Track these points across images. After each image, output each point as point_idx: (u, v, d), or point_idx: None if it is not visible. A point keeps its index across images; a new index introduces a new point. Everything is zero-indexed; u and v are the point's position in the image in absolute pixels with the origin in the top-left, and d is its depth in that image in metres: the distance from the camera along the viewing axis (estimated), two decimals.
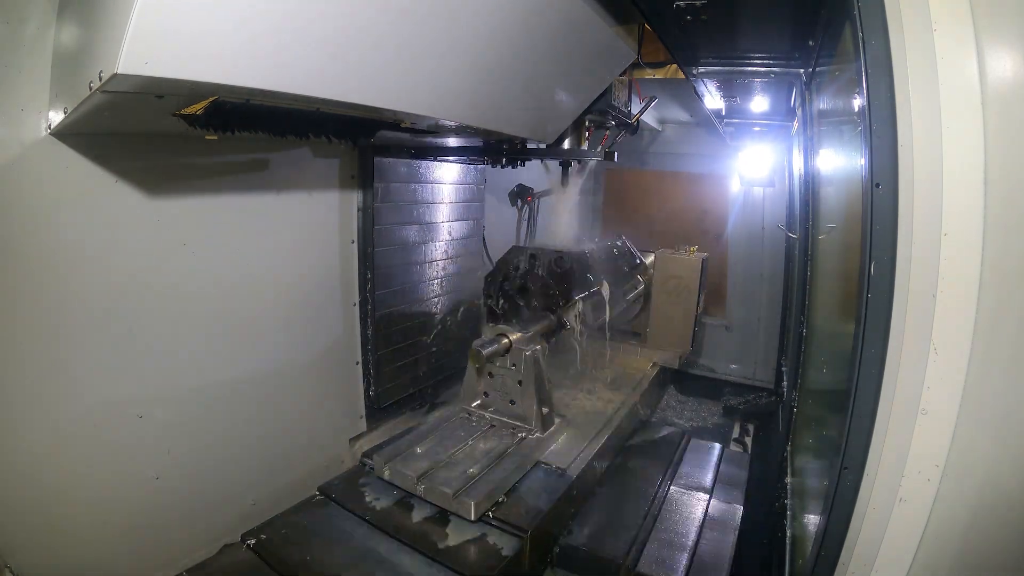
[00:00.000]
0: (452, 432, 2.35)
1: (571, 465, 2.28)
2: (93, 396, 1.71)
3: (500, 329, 2.37)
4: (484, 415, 2.48)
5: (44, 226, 1.56)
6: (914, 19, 0.96)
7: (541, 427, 2.36)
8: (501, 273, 2.80)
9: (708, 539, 2.27)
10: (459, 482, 1.98)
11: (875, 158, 1.04)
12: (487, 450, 2.22)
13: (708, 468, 2.84)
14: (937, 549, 1.01)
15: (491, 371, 2.48)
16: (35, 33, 1.44)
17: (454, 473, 2.05)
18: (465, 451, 2.22)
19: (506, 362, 2.39)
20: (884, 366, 1.04)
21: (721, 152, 4.45)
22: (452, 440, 2.29)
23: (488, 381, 2.51)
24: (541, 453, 2.31)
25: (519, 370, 2.37)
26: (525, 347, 2.34)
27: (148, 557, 1.89)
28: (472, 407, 2.52)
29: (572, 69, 2.09)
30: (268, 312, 2.25)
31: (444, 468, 2.08)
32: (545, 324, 2.58)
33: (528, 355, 2.33)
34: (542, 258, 2.70)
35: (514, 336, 2.35)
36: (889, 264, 1.02)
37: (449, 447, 2.22)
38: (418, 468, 2.05)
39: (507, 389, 2.45)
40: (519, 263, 2.76)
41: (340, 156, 2.51)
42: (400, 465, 2.08)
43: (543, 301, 2.69)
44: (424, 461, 2.10)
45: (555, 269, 2.67)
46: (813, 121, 2.41)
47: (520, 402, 2.40)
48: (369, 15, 1.25)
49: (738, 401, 4.03)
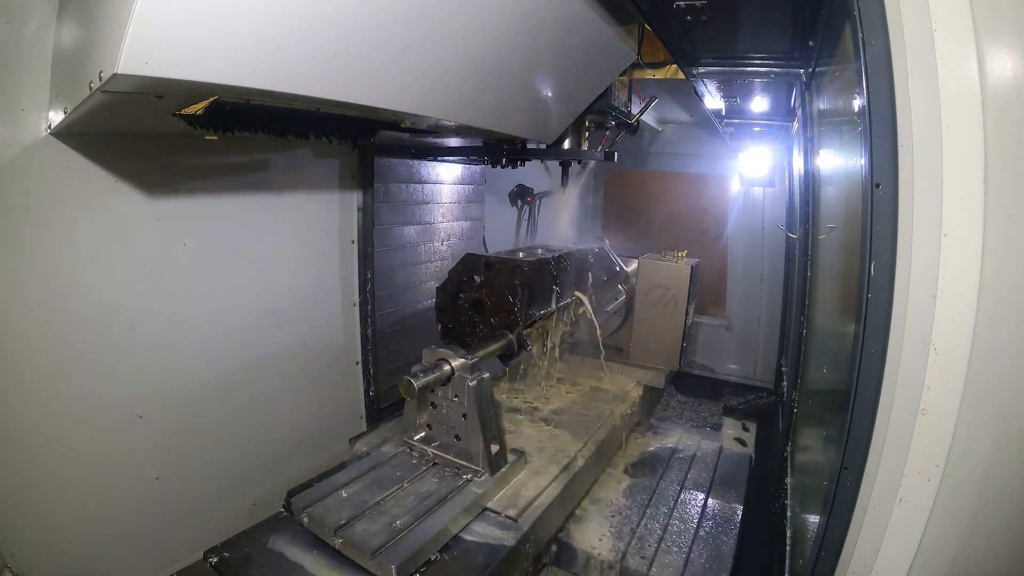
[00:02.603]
0: (388, 471, 2.01)
1: (524, 513, 1.92)
2: (93, 396, 1.71)
3: (440, 353, 2.01)
4: (427, 451, 2.11)
5: (44, 226, 1.56)
6: (914, 19, 0.96)
7: (489, 467, 2.00)
8: (454, 284, 2.43)
9: (708, 539, 2.27)
10: (382, 536, 1.66)
11: (875, 158, 1.04)
12: (424, 494, 1.88)
13: (708, 468, 2.84)
14: (937, 549, 1.01)
15: (433, 401, 2.12)
16: (35, 33, 1.44)
17: (379, 523, 1.72)
18: (398, 495, 1.88)
19: (448, 392, 2.04)
20: (884, 366, 1.04)
21: (721, 152, 4.45)
22: (386, 481, 1.95)
23: (431, 412, 2.14)
24: (489, 499, 1.97)
25: (462, 402, 2.00)
26: (468, 376, 1.96)
27: (148, 557, 1.90)
28: (415, 440, 2.16)
29: (572, 69, 2.09)
30: (268, 312, 2.25)
31: (368, 516, 1.76)
32: (499, 345, 2.22)
33: (472, 385, 1.95)
34: (499, 268, 2.32)
35: (456, 362, 1.98)
36: (889, 264, 1.02)
37: (380, 490, 1.89)
38: (338, 516, 1.74)
39: (451, 423, 2.07)
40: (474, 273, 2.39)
41: (340, 156, 2.51)
42: (320, 510, 1.77)
43: (500, 318, 2.31)
44: (347, 507, 1.79)
45: (512, 280, 2.29)
46: (813, 121, 2.41)
47: (465, 438, 2.04)
48: (369, 15, 1.25)
49: (738, 401, 4.03)
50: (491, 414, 2.04)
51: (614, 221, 5.21)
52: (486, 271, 2.35)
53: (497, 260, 2.33)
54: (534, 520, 1.91)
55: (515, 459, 2.14)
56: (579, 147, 2.77)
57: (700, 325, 4.69)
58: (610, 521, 2.34)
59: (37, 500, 1.62)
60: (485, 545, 1.78)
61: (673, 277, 3.35)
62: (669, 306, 3.36)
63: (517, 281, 2.27)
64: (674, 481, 2.67)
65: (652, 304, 3.40)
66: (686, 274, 3.33)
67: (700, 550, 2.20)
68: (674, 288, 3.35)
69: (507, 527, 1.86)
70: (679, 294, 3.35)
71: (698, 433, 3.28)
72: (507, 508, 1.93)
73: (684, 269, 3.35)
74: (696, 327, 4.66)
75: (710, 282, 4.59)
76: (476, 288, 2.35)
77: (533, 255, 2.48)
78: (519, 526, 1.86)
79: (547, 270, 2.45)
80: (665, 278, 3.37)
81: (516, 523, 1.88)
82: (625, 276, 3.35)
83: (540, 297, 2.40)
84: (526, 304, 2.27)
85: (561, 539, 2.23)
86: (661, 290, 3.38)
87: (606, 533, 2.26)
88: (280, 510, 1.94)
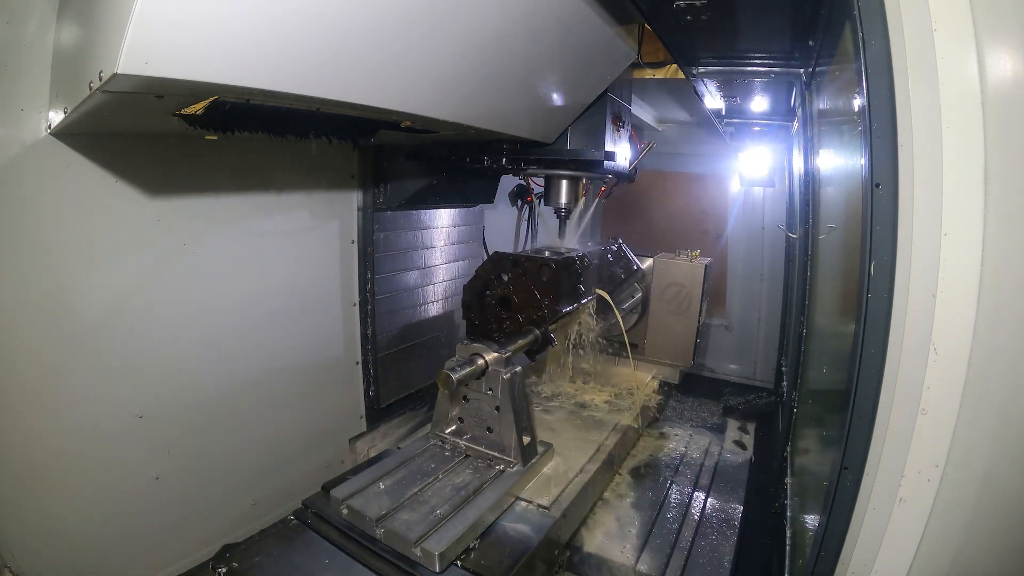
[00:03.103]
0: (422, 464, 2.09)
1: (556, 501, 2.02)
2: (93, 396, 1.71)
3: (474, 348, 2.09)
4: (459, 443, 2.20)
5: (44, 226, 1.56)
6: (914, 19, 0.96)
7: (521, 458, 2.09)
8: (481, 282, 2.52)
9: (708, 539, 2.27)
10: (423, 525, 1.73)
11: (875, 158, 1.04)
12: (460, 485, 1.96)
13: (708, 468, 2.84)
14: (937, 549, 1.01)
15: (465, 395, 2.20)
16: (35, 33, 1.44)
17: (418, 513, 1.79)
18: (434, 486, 1.95)
19: (481, 386, 2.11)
20: (884, 366, 1.04)
21: (721, 152, 4.45)
22: (421, 473, 2.02)
23: (463, 406, 2.22)
24: (521, 488, 2.06)
25: (496, 395, 2.08)
26: (502, 369, 2.05)
27: (148, 557, 1.90)
28: (446, 434, 2.24)
29: (572, 69, 2.08)
30: (268, 312, 2.25)
31: (408, 507, 1.82)
32: (528, 340, 2.30)
33: (506, 378, 2.04)
34: (527, 266, 2.41)
35: (490, 356, 2.06)
36: (889, 264, 1.02)
37: (417, 481, 1.96)
38: (378, 507, 1.80)
39: (483, 415, 2.17)
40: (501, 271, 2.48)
41: (340, 156, 2.51)
42: (359, 502, 1.83)
43: (527, 314, 2.41)
44: (386, 498, 1.86)
45: (540, 278, 2.39)
46: (813, 121, 2.41)
47: (498, 430, 2.12)
48: (369, 15, 1.25)
49: (738, 401, 4.02)
50: (523, 406, 2.14)
51: (614, 221, 5.21)
52: (513, 269, 2.45)
53: (525, 258, 2.44)
54: (565, 508, 2.00)
55: (544, 450, 2.24)
56: (576, 202, 2.78)
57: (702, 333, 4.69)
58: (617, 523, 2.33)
59: (37, 500, 1.62)
60: (520, 532, 1.87)
61: (688, 275, 3.45)
62: (684, 304, 3.46)
63: (545, 278, 2.38)
64: (675, 481, 2.67)
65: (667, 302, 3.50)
66: (700, 273, 3.42)
67: (700, 550, 2.20)
68: (689, 286, 3.44)
69: (540, 515, 1.96)
70: (693, 292, 3.43)
71: (698, 434, 3.27)
72: (539, 497, 2.04)
73: (698, 268, 3.44)
74: None
75: (710, 281, 4.58)
76: (503, 285, 2.45)
77: (557, 254, 2.57)
78: (551, 514, 1.96)
79: (572, 268, 2.54)
80: (680, 276, 3.46)
81: (548, 511, 1.97)
82: (642, 274, 3.43)
83: (566, 294, 2.48)
84: (553, 301, 2.37)
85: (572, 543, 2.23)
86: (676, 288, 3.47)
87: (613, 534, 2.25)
88: (290, 517, 1.91)
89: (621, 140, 2.67)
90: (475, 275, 2.55)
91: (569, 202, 2.73)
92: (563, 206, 2.72)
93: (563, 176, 2.66)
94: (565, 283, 2.44)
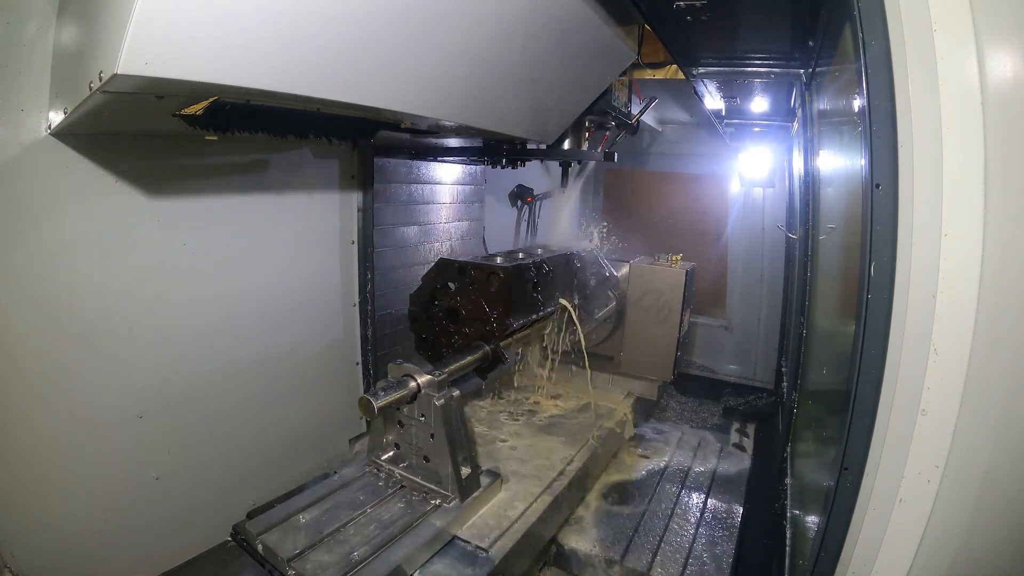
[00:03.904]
0: (352, 494, 1.89)
1: (496, 543, 1.80)
2: (93, 396, 1.71)
3: (406, 368, 1.87)
4: (395, 472, 1.97)
5: (44, 226, 1.56)
6: (914, 19, 0.96)
7: (459, 492, 1.86)
8: (428, 291, 2.26)
9: (708, 539, 2.27)
10: (336, 570, 1.55)
11: (875, 158, 1.04)
12: (388, 521, 1.76)
13: (708, 468, 2.84)
14: (937, 549, 1.01)
15: (400, 419, 1.97)
16: (35, 33, 1.44)
17: (335, 555, 1.61)
18: (359, 521, 1.76)
19: (414, 411, 1.90)
20: (884, 366, 1.04)
21: (721, 153, 4.45)
22: (348, 505, 1.82)
23: (398, 431, 1.99)
24: (459, 526, 1.84)
25: (428, 422, 1.87)
26: (435, 393, 1.83)
27: (148, 557, 1.89)
28: (382, 460, 2.02)
29: (572, 69, 2.09)
30: (268, 312, 2.25)
31: (325, 546, 1.65)
32: (475, 357, 2.06)
33: (439, 404, 1.81)
34: (475, 274, 2.15)
35: (422, 379, 1.84)
36: (889, 264, 1.02)
37: (342, 515, 1.77)
38: (293, 544, 1.63)
39: (419, 443, 1.93)
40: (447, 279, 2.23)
41: (340, 156, 2.51)
42: (275, 537, 1.67)
43: (476, 328, 2.14)
44: (304, 534, 1.69)
45: (488, 288, 2.12)
46: (813, 121, 2.41)
47: (434, 460, 1.90)
48: (369, 15, 1.25)
49: (738, 402, 4.02)
50: (461, 435, 1.91)
51: (614, 221, 5.20)
52: (460, 277, 2.18)
53: (472, 265, 2.18)
54: (507, 551, 1.79)
55: (489, 482, 2.01)
56: (579, 148, 2.76)
57: (700, 325, 4.69)
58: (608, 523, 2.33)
59: (37, 500, 1.62)
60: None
61: (667, 282, 3.17)
62: (662, 313, 3.18)
63: (493, 288, 2.11)
64: (674, 483, 2.67)
65: (644, 311, 3.21)
66: (680, 279, 3.15)
67: (700, 550, 2.20)
68: (668, 294, 3.17)
69: (476, 560, 1.74)
70: (673, 300, 3.16)
71: (697, 435, 3.27)
72: (478, 538, 1.82)
73: (678, 274, 3.17)
74: (696, 327, 4.66)
75: (710, 282, 4.58)
76: (451, 296, 2.20)
77: (512, 259, 2.36)
78: (490, 558, 1.75)
79: (526, 276, 2.27)
80: (658, 283, 3.20)
81: (487, 554, 1.76)
82: (616, 282, 3.20)
83: (520, 305, 2.22)
84: (504, 313, 2.11)
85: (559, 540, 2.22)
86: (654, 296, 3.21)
87: (606, 535, 2.25)
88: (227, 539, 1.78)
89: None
90: (421, 283, 2.30)
91: (573, 147, 2.69)
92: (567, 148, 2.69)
93: None
94: (518, 293, 2.19)
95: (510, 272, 2.13)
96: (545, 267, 2.41)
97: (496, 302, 2.12)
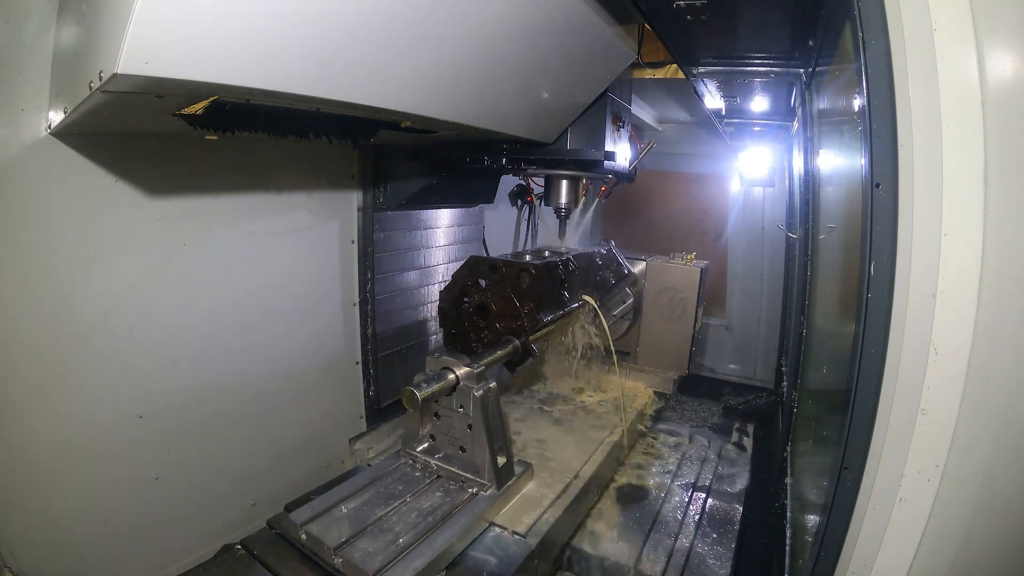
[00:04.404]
0: (390, 485, 1.94)
1: (532, 528, 1.87)
2: (93, 396, 1.71)
3: (444, 362, 1.93)
4: (431, 463, 2.04)
5: (44, 226, 1.56)
6: (914, 19, 0.96)
7: (496, 480, 1.92)
8: (458, 287, 2.33)
9: (708, 539, 2.28)
10: (383, 556, 1.59)
11: (875, 158, 1.04)
12: (428, 509, 1.82)
13: (708, 468, 2.84)
14: (937, 549, 1.01)
15: (437, 411, 2.04)
16: (35, 33, 1.44)
17: (380, 542, 1.66)
18: (401, 511, 1.81)
19: (452, 402, 1.96)
20: (884, 366, 1.04)
21: (721, 152, 4.45)
22: (387, 496, 1.88)
23: (434, 423, 2.06)
24: (495, 513, 1.90)
25: (467, 413, 1.93)
26: (474, 385, 1.89)
27: (148, 557, 1.89)
28: (417, 452, 2.08)
29: (572, 69, 2.08)
30: (268, 312, 2.25)
31: (370, 534, 1.69)
32: (506, 351, 2.13)
33: (478, 395, 1.88)
34: (505, 271, 2.22)
35: (461, 371, 1.90)
36: (889, 264, 1.02)
37: (382, 505, 1.82)
38: (338, 533, 1.68)
39: (455, 434, 2.00)
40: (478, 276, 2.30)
41: (340, 156, 2.51)
42: (319, 528, 1.70)
43: (506, 323, 2.21)
44: (347, 524, 1.73)
45: (519, 285, 2.20)
46: (813, 121, 2.41)
47: (471, 450, 1.96)
48: (369, 15, 1.25)
49: (738, 401, 4.03)
50: (498, 425, 1.97)
51: (614, 221, 5.21)
52: (491, 274, 2.27)
53: (503, 263, 2.26)
54: (543, 535, 1.86)
55: (522, 471, 2.08)
56: (576, 202, 2.75)
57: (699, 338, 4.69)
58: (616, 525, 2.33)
59: (37, 500, 1.62)
60: (492, 563, 1.74)
61: (682, 280, 3.28)
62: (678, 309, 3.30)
63: (524, 285, 2.20)
64: (674, 483, 2.67)
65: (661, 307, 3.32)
66: (696, 277, 3.24)
67: (700, 550, 2.20)
68: (683, 291, 3.28)
69: (514, 544, 1.82)
70: (688, 297, 3.26)
71: (699, 435, 3.27)
72: (514, 523, 1.88)
73: (694, 272, 3.26)
74: None
75: (710, 282, 4.57)
76: (481, 292, 2.28)
77: (540, 258, 2.44)
78: (527, 542, 1.83)
79: (555, 273, 2.36)
80: (674, 281, 3.30)
81: (524, 539, 1.84)
82: (634, 279, 3.28)
83: (548, 301, 2.31)
84: (533, 309, 2.20)
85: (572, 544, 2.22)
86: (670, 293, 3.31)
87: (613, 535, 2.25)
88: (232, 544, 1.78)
89: (621, 140, 2.66)
90: (452, 280, 2.39)
91: (569, 202, 2.71)
92: (563, 206, 2.71)
93: (563, 176, 2.65)
94: (546, 289, 2.29)
95: (541, 269, 2.24)
96: (572, 264, 2.52)
97: (526, 298, 2.21)
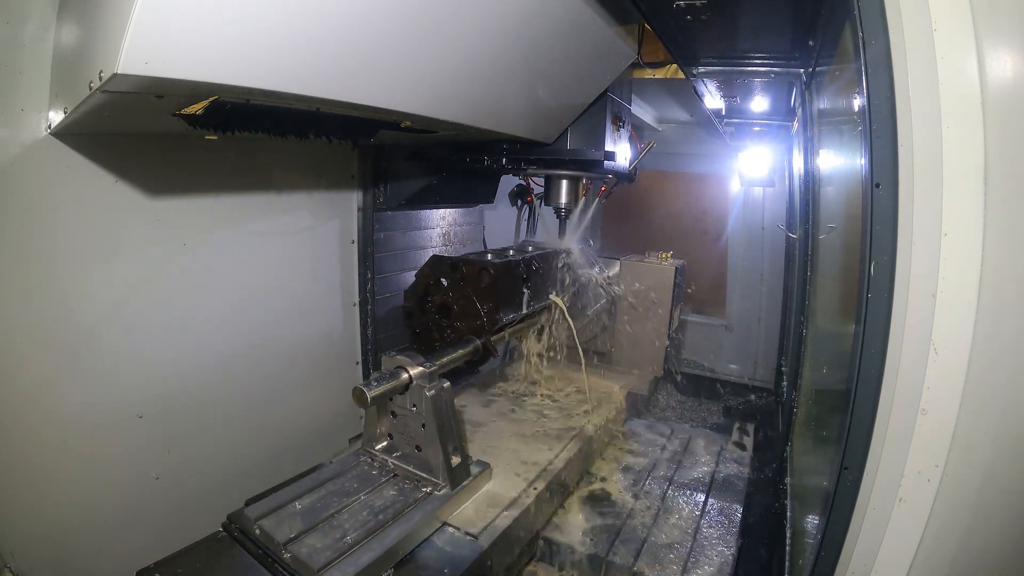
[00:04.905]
0: (345, 483, 1.93)
1: (485, 530, 1.84)
2: (93, 396, 1.71)
3: (399, 360, 1.93)
4: (388, 461, 2.04)
5: (44, 226, 1.56)
6: (914, 19, 0.96)
7: (450, 480, 1.92)
8: (422, 287, 2.33)
9: (708, 539, 2.28)
10: (330, 552, 1.59)
11: (875, 158, 1.04)
12: (380, 507, 1.80)
13: (708, 467, 2.84)
14: (937, 549, 1.01)
15: (393, 410, 2.03)
16: (35, 33, 1.44)
17: (330, 538, 1.66)
18: (353, 507, 1.80)
19: (406, 401, 1.96)
20: (884, 366, 1.04)
21: (721, 152, 4.45)
22: (341, 493, 1.87)
23: (391, 422, 2.05)
24: (448, 513, 1.89)
25: (420, 412, 1.93)
26: (427, 384, 1.89)
27: (148, 557, 1.89)
28: (376, 450, 2.08)
29: (572, 69, 2.09)
30: (268, 312, 2.25)
31: (320, 530, 1.70)
32: (466, 351, 2.13)
33: (430, 395, 1.87)
34: (465, 270, 2.22)
35: (414, 370, 1.90)
36: (889, 264, 1.02)
37: (335, 502, 1.82)
38: (289, 529, 1.68)
39: (411, 433, 1.99)
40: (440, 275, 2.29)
41: (340, 156, 2.51)
42: (271, 523, 1.70)
43: (468, 323, 2.22)
44: (299, 520, 1.73)
45: (479, 284, 2.19)
46: (813, 121, 2.41)
47: (426, 449, 1.96)
48: (370, 15, 1.25)
49: (738, 401, 4.03)
50: (451, 424, 1.97)
51: (614, 221, 5.21)
52: (452, 273, 2.26)
53: (463, 262, 2.26)
54: (495, 537, 1.83)
55: (479, 471, 2.06)
56: (576, 202, 2.75)
57: (700, 325, 4.69)
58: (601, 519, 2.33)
59: (37, 500, 1.62)
60: (441, 564, 1.71)
61: (656, 278, 3.26)
62: (652, 309, 3.28)
63: (484, 283, 2.19)
64: (672, 482, 2.67)
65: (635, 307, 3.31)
66: (670, 275, 3.23)
67: (700, 550, 2.20)
68: (657, 290, 3.26)
69: (466, 545, 1.79)
70: (663, 296, 3.25)
71: (697, 433, 3.27)
72: (467, 524, 1.86)
73: (668, 270, 3.24)
74: (696, 327, 4.66)
75: (710, 282, 4.59)
76: (443, 291, 2.28)
77: (502, 256, 2.42)
78: (479, 544, 1.79)
79: (516, 272, 2.33)
80: (648, 280, 3.28)
81: (476, 540, 1.80)
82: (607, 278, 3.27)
83: (509, 300, 2.29)
84: (493, 308, 2.19)
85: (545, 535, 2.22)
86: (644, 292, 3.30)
87: (597, 530, 2.25)
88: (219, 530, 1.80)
89: (621, 140, 2.66)
90: (415, 279, 2.38)
91: (569, 202, 2.71)
92: (563, 206, 2.71)
93: (563, 176, 2.65)
94: (507, 289, 2.27)
95: (500, 268, 2.20)
96: (535, 264, 2.47)
97: (486, 297, 2.19)
